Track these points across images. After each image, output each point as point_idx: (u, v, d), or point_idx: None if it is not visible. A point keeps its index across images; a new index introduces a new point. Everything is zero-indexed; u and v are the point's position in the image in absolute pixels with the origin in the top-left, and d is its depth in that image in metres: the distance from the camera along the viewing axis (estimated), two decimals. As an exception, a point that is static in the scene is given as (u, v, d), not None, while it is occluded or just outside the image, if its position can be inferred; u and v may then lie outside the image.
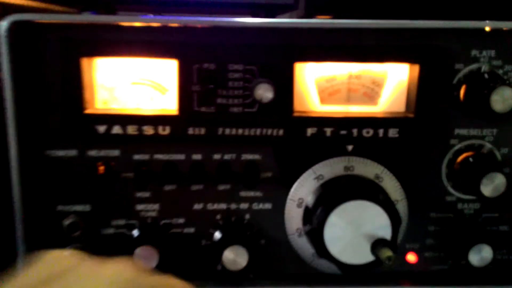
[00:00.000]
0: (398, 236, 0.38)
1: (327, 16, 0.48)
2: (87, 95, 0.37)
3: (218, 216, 0.40)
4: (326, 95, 0.40)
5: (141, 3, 0.46)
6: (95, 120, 0.38)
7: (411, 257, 0.42)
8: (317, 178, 0.39)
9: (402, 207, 0.40)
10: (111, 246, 0.40)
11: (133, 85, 0.39)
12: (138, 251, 0.38)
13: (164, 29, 0.37)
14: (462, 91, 0.38)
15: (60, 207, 0.39)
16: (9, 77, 0.35)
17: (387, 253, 0.35)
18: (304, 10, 0.50)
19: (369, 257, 0.36)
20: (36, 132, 0.37)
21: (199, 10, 0.48)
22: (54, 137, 0.38)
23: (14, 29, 0.35)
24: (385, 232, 0.36)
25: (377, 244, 0.35)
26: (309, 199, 0.39)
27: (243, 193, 0.40)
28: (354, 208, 0.36)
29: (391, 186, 0.40)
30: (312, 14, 0.50)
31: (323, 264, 0.41)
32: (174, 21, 0.36)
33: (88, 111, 0.38)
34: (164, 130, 0.38)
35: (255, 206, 0.41)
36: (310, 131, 0.39)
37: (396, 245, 0.36)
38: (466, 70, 0.38)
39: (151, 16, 0.39)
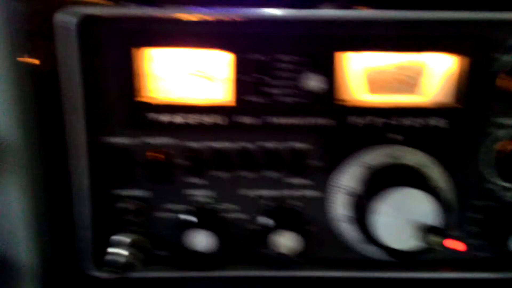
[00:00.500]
0: (445, 223, 0.38)
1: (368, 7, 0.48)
2: (140, 84, 0.39)
3: (268, 202, 0.42)
4: (376, 85, 0.40)
5: None
6: (149, 108, 0.39)
7: (456, 245, 0.43)
8: (366, 166, 0.40)
9: (448, 195, 0.41)
10: (168, 230, 0.42)
11: (185, 76, 0.40)
12: (194, 235, 0.40)
13: (219, 22, 0.38)
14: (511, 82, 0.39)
15: (120, 192, 0.41)
16: (78, 68, 0.37)
17: (436, 239, 0.36)
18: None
19: (417, 243, 0.37)
20: (99, 120, 0.39)
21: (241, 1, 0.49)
22: (116, 125, 0.39)
23: (82, 22, 0.36)
24: (434, 219, 0.37)
25: (426, 231, 0.36)
26: (358, 187, 0.40)
27: (293, 180, 0.42)
28: (402, 196, 0.37)
29: (438, 174, 0.41)
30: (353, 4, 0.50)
31: (370, 250, 0.42)
32: (229, 15, 0.37)
33: (141, 99, 0.39)
34: (217, 119, 0.40)
35: (304, 193, 0.42)
36: (359, 120, 0.40)
37: (445, 232, 0.37)
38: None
39: (202, 8, 0.40)
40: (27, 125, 0.38)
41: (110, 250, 0.40)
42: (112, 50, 0.38)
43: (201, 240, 0.40)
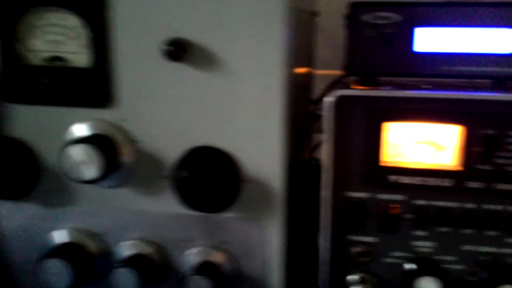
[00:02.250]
0: None
1: None
2: (382, 151, 0.48)
3: (487, 258, 0.47)
4: None
5: (401, 75, 0.54)
6: (388, 171, 0.47)
7: None
8: None
9: None
10: (390, 274, 0.49)
11: (416, 143, 0.48)
12: (417, 281, 0.47)
13: (453, 101, 0.45)
14: None
15: (353, 237, 0.50)
16: (331, 138, 0.47)
17: None
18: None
19: None
20: (344, 178, 0.48)
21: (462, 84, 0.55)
22: (357, 183, 0.48)
23: (338, 100, 0.47)
24: None
25: None
26: None
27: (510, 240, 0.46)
28: None
29: None
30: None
31: None
32: (463, 96, 0.45)
33: (382, 163, 0.48)
34: (444, 181, 0.47)
35: (523, 252, 0.46)
36: None
37: None
38: None
39: (438, 91, 0.48)
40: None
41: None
42: (359, 123, 0.47)
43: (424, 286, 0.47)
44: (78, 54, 0.48)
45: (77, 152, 0.46)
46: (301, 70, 0.58)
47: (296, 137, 0.54)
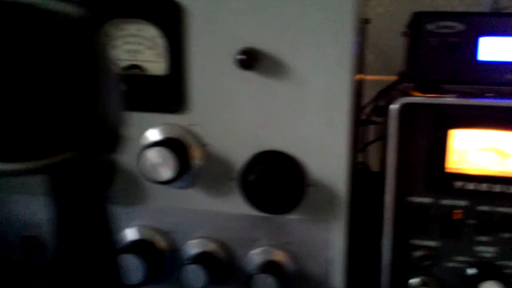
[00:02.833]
0: None
1: None
2: (447, 157, 0.49)
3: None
4: None
5: (465, 83, 0.55)
6: (452, 177, 0.49)
7: None
8: None
9: None
10: (452, 278, 0.50)
11: (480, 151, 0.49)
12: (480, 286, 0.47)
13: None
14: None
15: (415, 241, 0.51)
16: (395, 144, 0.49)
17: None
18: None
19: None
20: (407, 183, 0.50)
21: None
22: (420, 188, 0.50)
23: (402, 107, 0.48)
24: None
25: None
26: None
27: None
28: None
29: None
30: None
31: None
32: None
33: (447, 170, 0.49)
34: (509, 188, 0.47)
35: None
36: None
37: None
38: None
39: (502, 99, 0.49)
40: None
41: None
42: (424, 129, 0.48)
43: (487, 291, 0.47)
44: (155, 63, 0.51)
45: (155, 155, 0.49)
46: (357, 76, 0.59)
47: (353, 142, 0.56)
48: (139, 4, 0.50)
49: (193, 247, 0.55)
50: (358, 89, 0.67)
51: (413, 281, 0.51)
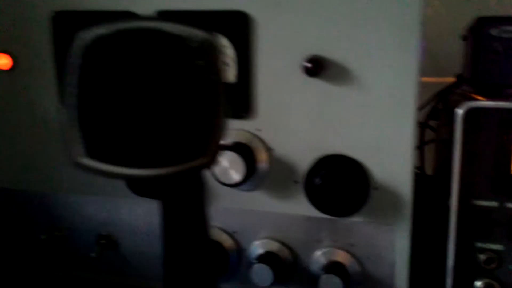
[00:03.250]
0: None
1: None
2: (512, 161, 0.49)
3: None
4: None
5: None
6: (518, 180, 0.49)
7: None
8: None
9: None
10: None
11: (547, 154, 0.49)
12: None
13: None
14: None
15: (479, 244, 0.51)
16: (460, 148, 0.49)
17: None
18: None
19: None
20: (471, 187, 0.50)
21: None
22: (485, 191, 0.50)
23: (467, 112, 0.49)
24: None
25: None
26: None
27: None
28: None
29: None
30: None
31: None
32: None
33: (513, 173, 0.49)
34: None
35: None
36: None
37: None
38: None
39: None
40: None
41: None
42: (489, 133, 0.49)
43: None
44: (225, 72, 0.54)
45: (225, 159, 0.51)
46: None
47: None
48: (210, 16, 0.53)
49: (258, 247, 0.57)
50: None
51: (478, 283, 0.51)
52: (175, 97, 0.24)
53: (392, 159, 0.51)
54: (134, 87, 0.24)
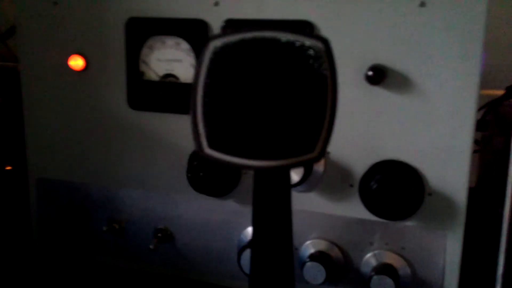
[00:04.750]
0: None
1: None
2: None
3: None
4: None
5: None
6: None
7: None
8: None
9: None
10: None
11: None
12: None
13: None
14: None
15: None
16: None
17: None
18: None
19: None
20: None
21: None
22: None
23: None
24: None
25: None
26: None
27: None
28: None
29: None
30: None
31: None
32: None
33: None
34: None
35: None
36: None
37: None
38: None
39: None
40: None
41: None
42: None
43: None
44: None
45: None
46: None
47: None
48: (277, 25, 0.56)
49: (311, 247, 0.59)
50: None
51: (529, 291, 0.52)
52: (292, 98, 0.27)
53: (448, 167, 0.53)
54: (256, 90, 0.27)
